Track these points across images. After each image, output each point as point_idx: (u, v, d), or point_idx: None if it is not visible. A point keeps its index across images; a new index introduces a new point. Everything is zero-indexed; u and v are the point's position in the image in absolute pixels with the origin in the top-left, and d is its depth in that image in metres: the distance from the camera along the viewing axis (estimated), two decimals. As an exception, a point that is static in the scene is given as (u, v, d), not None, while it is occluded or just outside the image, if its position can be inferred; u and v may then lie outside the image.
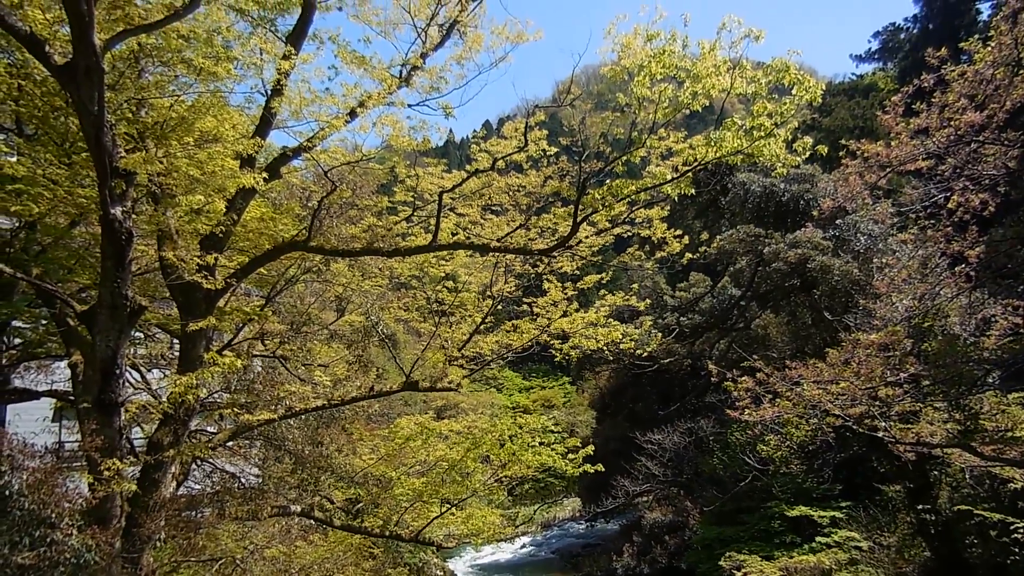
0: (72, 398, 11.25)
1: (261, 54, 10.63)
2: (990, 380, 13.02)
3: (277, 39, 11.13)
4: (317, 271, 15.92)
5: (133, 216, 8.69)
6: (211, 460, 15.18)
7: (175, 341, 13.61)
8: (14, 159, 9.67)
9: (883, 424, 12.49)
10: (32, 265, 10.25)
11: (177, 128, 9.55)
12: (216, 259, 10.09)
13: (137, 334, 14.21)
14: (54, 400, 14.24)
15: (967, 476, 16.37)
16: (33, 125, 9.83)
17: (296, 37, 10.85)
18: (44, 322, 11.23)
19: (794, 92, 8.85)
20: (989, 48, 10.42)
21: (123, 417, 9.07)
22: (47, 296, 9.74)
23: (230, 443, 13.29)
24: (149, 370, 14.47)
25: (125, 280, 8.34)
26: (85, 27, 6.56)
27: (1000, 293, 14.32)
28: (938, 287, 13.39)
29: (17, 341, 12.34)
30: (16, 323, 12.01)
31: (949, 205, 12.11)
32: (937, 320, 13.25)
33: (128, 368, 11.59)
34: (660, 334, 24.44)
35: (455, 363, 17.75)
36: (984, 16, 35.22)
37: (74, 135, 9.50)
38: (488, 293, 17.84)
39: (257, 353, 16.42)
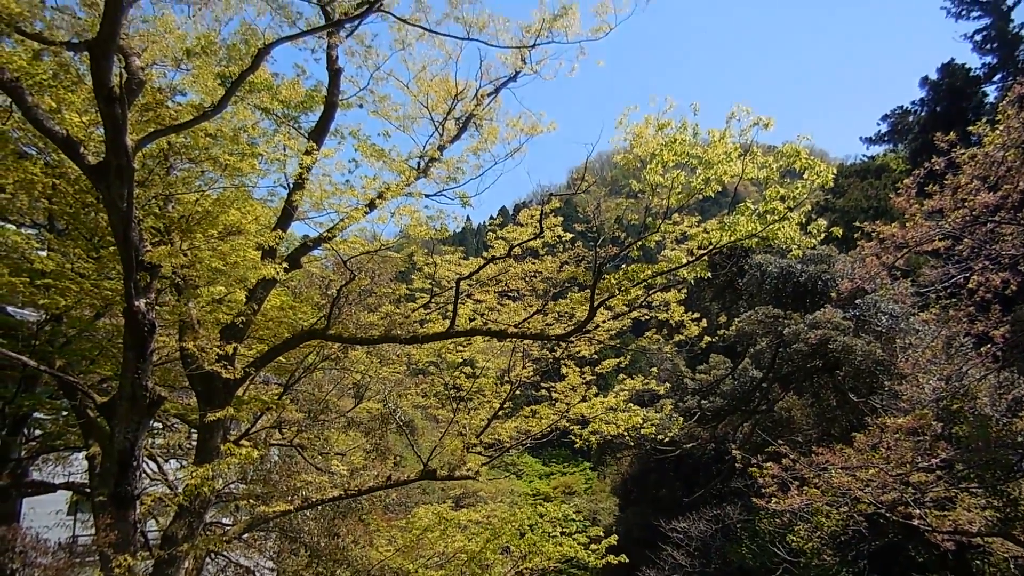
0: (88, 490, 11.15)
1: (285, 150, 11.02)
2: (1025, 465, 12.60)
3: (300, 135, 11.56)
4: (335, 358, 15.94)
5: (156, 307, 8.84)
6: (225, 553, 14.84)
7: (193, 431, 13.56)
8: (44, 253, 9.93)
9: (918, 511, 12.03)
10: (56, 357, 10.38)
11: (202, 221, 9.82)
12: (236, 348, 10.16)
13: (155, 424, 14.18)
14: (70, 493, 14.12)
15: (1012, 566, 15.60)
16: (64, 221, 10.15)
17: (318, 133, 11.26)
18: (64, 414, 11.28)
19: (806, 176, 8.96)
20: (998, 131, 10.58)
21: (139, 510, 8.96)
22: (68, 388, 9.82)
23: (245, 535, 13.03)
24: (166, 460, 14.38)
25: (146, 371, 8.40)
26: (119, 130, 6.86)
27: (1030, 372, 14.02)
28: (965, 367, 13.13)
29: (37, 433, 12.36)
30: (37, 415, 12.05)
31: (969, 285, 12.03)
32: (966, 402, 12.93)
33: (145, 459, 11.53)
34: (681, 418, 23.95)
35: (473, 450, 17.47)
36: (991, 99, 35.91)
37: (103, 230, 9.79)
38: (506, 378, 17.73)
39: (274, 442, 16.29)
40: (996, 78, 37.59)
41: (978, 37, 39.22)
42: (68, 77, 8.39)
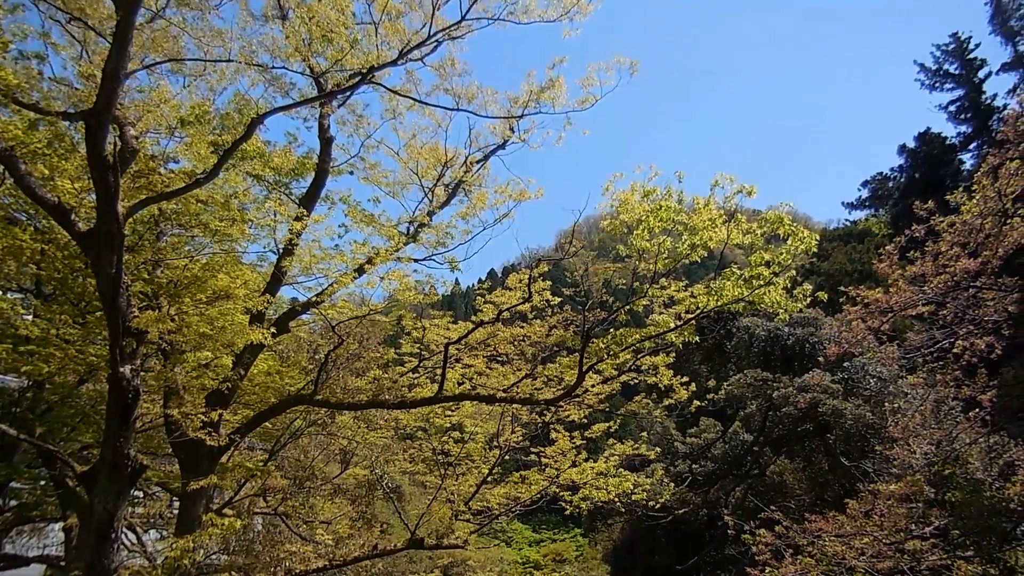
0: (63, 564, 10.79)
1: (275, 216, 11.11)
2: (1020, 532, 12.43)
3: (291, 201, 11.69)
4: (322, 424, 15.74)
5: (141, 373, 8.74)
6: (204, 629, 14.30)
7: (175, 499, 13.24)
8: (30, 319, 9.87)
9: (914, 580, 11.81)
10: (36, 424, 10.18)
11: (191, 286, 9.82)
12: (221, 415, 10.03)
13: (136, 493, 13.84)
14: (44, 566, 13.65)
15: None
16: (52, 286, 10.12)
17: (309, 200, 11.40)
18: (42, 483, 10.99)
19: (790, 242, 9.11)
20: (975, 200, 10.87)
21: (115, 585, 8.66)
22: (48, 456, 9.61)
23: (225, 610, 12.59)
24: (146, 531, 13.97)
25: (128, 439, 8.25)
26: (110, 197, 6.92)
27: (1021, 435, 13.99)
28: (955, 431, 13.11)
29: (12, 503, 12.02)
30: (13, 484, 11.75)
31: (955, 349, 12.13)
32: (958, 467, 12.86)
33: (124, 530, 11.21)
34: (672, 483, 23.68)
35: (462, 517, 17.11)
36: (967, 166, 36.89)
37: (90, 295, 9.75)
38: (495, 443, 17.53)
39: (258, 511, 15.92)
40: (971, 146, 38.71)
41: (952, 107, 40.53)
42: (63, 145, 8.51)
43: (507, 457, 18.89)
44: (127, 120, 8.43)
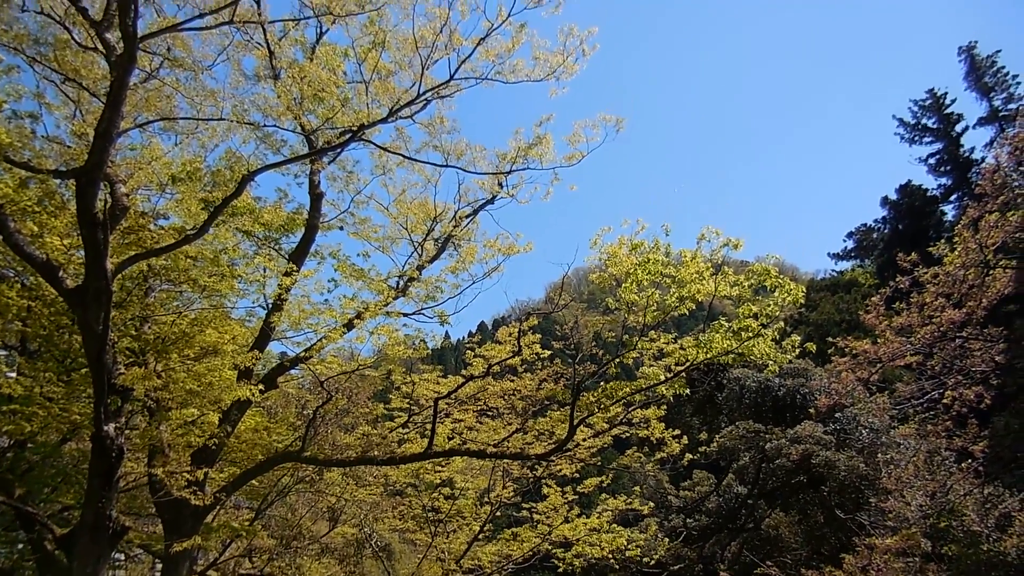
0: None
1: (264, 271, 11.14)
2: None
3: (280, 256, 11.73)
4: (310, 481, 15.50)
5: (126, 431, 8.61)
6: None
7: (158, 561, 12.90)
8: (13, 376, 9.75)
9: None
10: (16, 485, 9.96)
11: (178, 342, 9.76)
12: (206, 473, 9.86)
13: (118, 555, 13.49)
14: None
15: None
16: (37, 343, 10.03)
17: (299, 255, 11.44)
18: (20, 546, 10.69)
19: (777, 294, 9.19)
20: (957, 252, 11.06)
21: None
22: (26, 519, 9.38)
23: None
24: (126, 596, 13.58)
25: (111, 499, 8.08)
26: (99, 254, 6.93)
27: (1015, 485, 13.91)
28: (949, 483, 13.03)
29: (-12, 568, 11.67)
30: (-10, 548, 11.44)
31: (945, 400, 12.14)
32: (953, 519, 12.72)
33: (104, 594, 10.87)
34: (667, 538, 23.21)
35: (453, 576, 16.75)
36: (949, 216, 37.45)
37: (76, 352, 9.67)
38: (486, 499, 17.27)
39: (244, 572, 15.54)
40: (952, 198, 39.34)
41: (932, 160, 41.30)
42: (53, 202, 8.55)
43: (498, 513, 18.60)
44: (118, 177, 8.51)
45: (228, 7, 8.34)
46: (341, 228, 12.86)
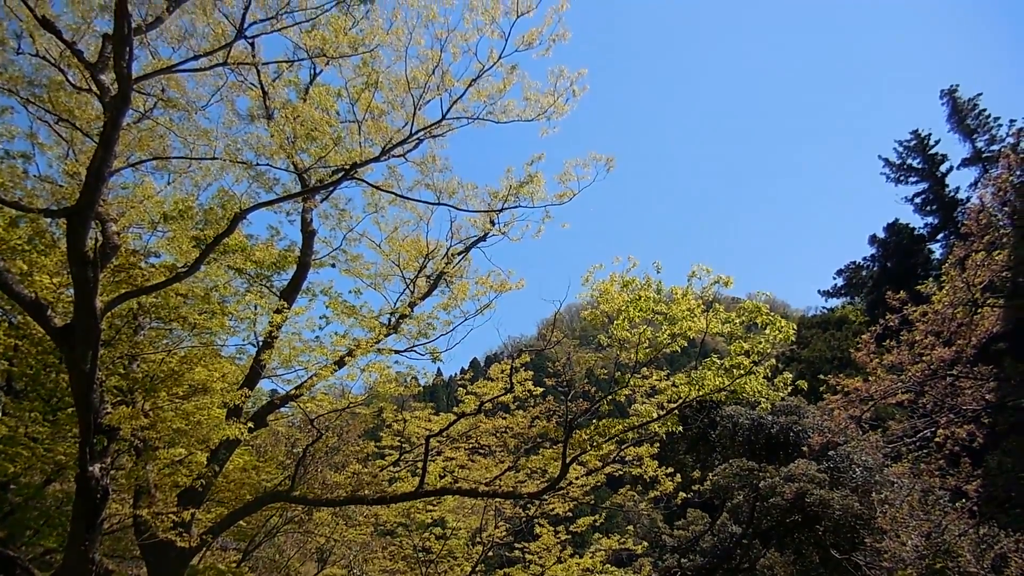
0: None
1: (255, 308, 11.11)
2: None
3: (272, 293, 11.72)
4: (299, 521, 15.27)
5: (111, 472, 8.49)
6: None
7: (140, 606, 12.61)
8: (-2, 416, 9.64)
9: None
10: (-2, 527, 9.78)
11: (167, 380, 9.67)
12: (193, 514, 9.69)
13: (99, 599, 13.16)
14: None
15: None
16: (23, 382, 9.92)
17: (290, 292, 11.42)
18: (0, 591, 10.43)
19: (768, 332, 9.20)
20: (944, 290, 11.15)
21: None
22: (7, 563, 9.17)
23: None
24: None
25: (94, 542, 7.92)
26: (89, 293, 6.89)
27: (1010, 525, 13.81)
28: (944, 522, 12.94)
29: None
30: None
31: (937, 438, 12.11)
32: (949, 560, 12.60)
33: (85, 640, 10.59)
34: (661, 579, 22.93)
35: (444, 620, 16.43)
36: (937, 255, 37.79)
37: (62, 391, 9.58)
38: (478, 539, 17.03)
39: (228, 616, 15.19)
40: (939, 237, 39.75)
41: (918, 200, 41.80)
42: (43, 241, 8.54)
43: (490, 553, 18.32)
44: (110, 216, 8.52)
45: (222, 49, 8.44)
46: (333, 265, 12.89)
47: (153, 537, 9.11)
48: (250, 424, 9.98)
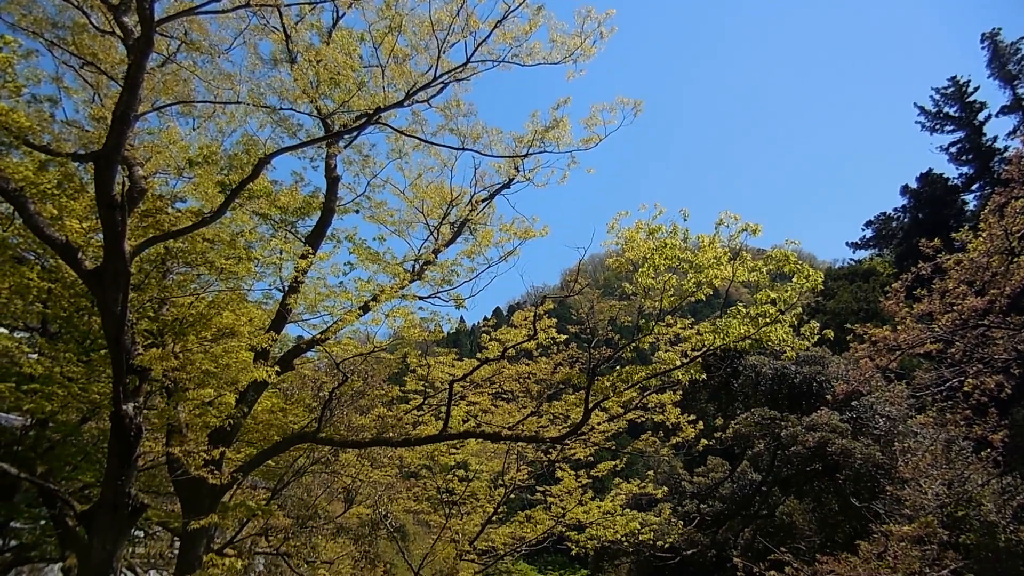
0: (62, 605, 10.64)
1: (281, 253, 11.18)
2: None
3: (297, 239, 11.77)
4: (326, 462, 15.63)
5: (144, 411, 8.71)
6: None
7: (176, 539, 13.08)
8: (35, 357, 9.88)
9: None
10: (38, 463, 10.12)
11: (196, 324, 9.82)
12: (223, 453, 9.96)
13: (137, 532, 13.68)
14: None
15: None
16: (57, 324, 10.14)
17: (315, 238, 11.46)
18: (42, 522, 10.87)
19: (795, 280, 9.07)
20: (981, 238, 10.85)
21: (113, 627, 8.50)
22: (48, 495, 9.53)
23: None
24: (146, 571, 13.78)
25: (130, 478, 8.18)
26: (117, 236, 6.97)
27: (1033, 476, 13.76)
28: (966, 472, 12.90)
29: (12, 543, 11.89)
30: (13, 524, 11.63)
31: (964, 388, 11.96)
32: (971, 508, 12.62)
33: (124, 570, 11.06)
34: (680, 523, 23.25)
35: (466, 557, 16.88)
36: (970, 206, 36.87)
37: (95, 333, 9.76)
38: (500, 482, 17.36)
39: (260, 550, 15.73)
40: (974, 187, 38.72)
41: (953, 149, 40.65)
42: (72, 186, 8.60)
43: (512, 496, 18.70)
44: (136, 161, 8.54)
45: (245, -11, 8.31)
46: (357, 212, 12.88)
47: (186, 474, 9.39)
48: (277, 367, 10.15)
